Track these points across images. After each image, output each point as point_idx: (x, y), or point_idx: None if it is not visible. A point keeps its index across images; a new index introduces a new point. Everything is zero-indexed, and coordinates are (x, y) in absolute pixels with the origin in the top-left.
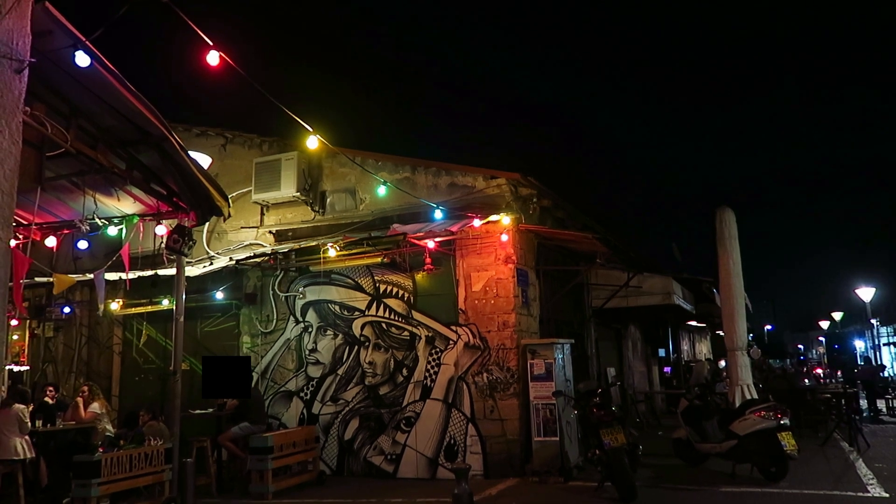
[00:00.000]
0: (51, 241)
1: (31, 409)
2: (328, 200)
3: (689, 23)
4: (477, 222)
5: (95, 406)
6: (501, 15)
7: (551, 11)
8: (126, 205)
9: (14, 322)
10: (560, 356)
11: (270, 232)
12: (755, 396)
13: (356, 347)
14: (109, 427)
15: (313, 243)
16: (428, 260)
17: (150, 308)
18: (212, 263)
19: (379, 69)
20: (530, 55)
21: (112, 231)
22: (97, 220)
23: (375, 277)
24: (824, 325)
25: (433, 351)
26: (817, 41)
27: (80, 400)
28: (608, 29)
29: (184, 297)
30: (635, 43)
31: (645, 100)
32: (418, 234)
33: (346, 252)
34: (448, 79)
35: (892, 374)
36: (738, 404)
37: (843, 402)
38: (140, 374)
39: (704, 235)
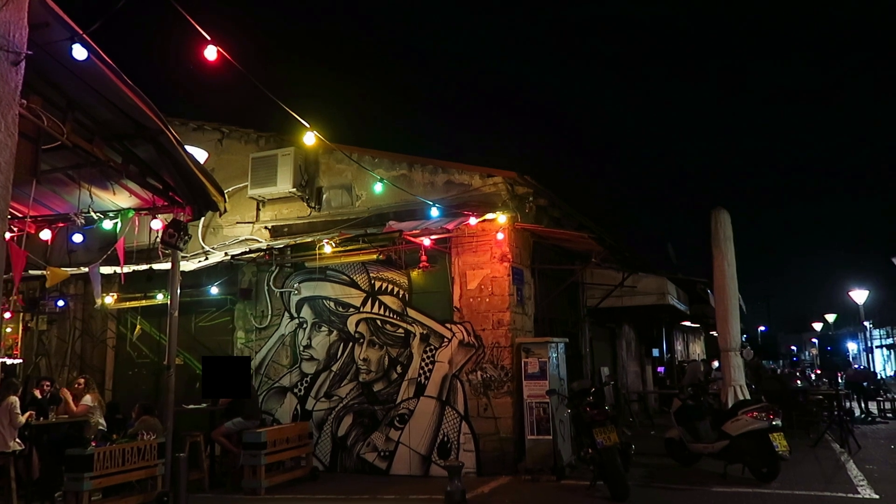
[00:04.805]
0: (45, 234)
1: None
2: (324, 197)
3: (687, 22)
4: (473, 220)
5: (88, 399)
6: (500, 11)
7: (548, 8)
8: (122, 199)
9: (7, 315)
10: (554, 355)
11: (266, 227)
12: (748, 397)
13: (351, 344)
14: (102, 421)
15: (309, 239)
16: (423, 257)
17: (144, 302)
18: (207, 258)
19: (376, 65)
20: (527, 52)
21: (107, 225)
22: (92, 213)
23: (371, 274)
24: (818, 326)
25: (428, 348)
26: (816, 42)
27: (67, 393)
28: (606, 27)
29: (178, 291)
30: (633, 41)
31: (642, 99)
32: (414, 232)
33: (342, 248)
34: (446, 76)
35: (883, 377)
36: (730, 405)
37: (834, 403)
38: (134, 369)
39: (699, 236)
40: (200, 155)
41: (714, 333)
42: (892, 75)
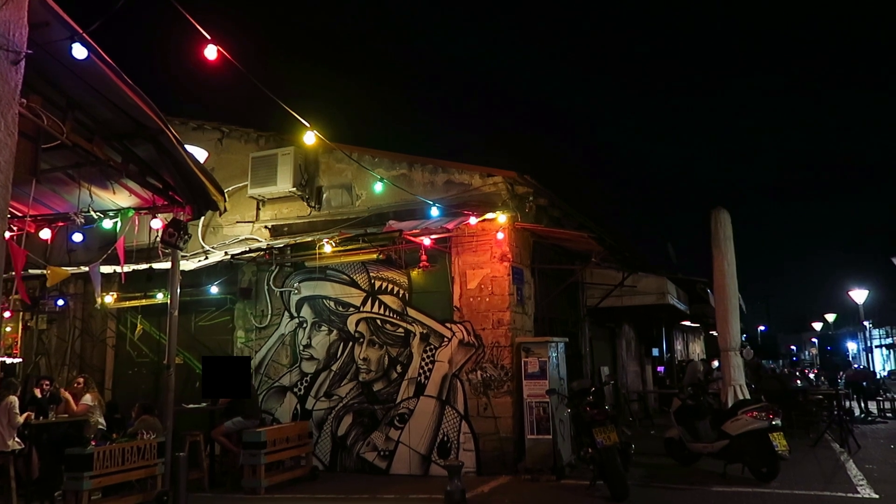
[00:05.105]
0: (45, 234)
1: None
2: (324, 196)
3: (686, 22)
4: (473, 220)
5: (88, 398)
6: (499, 11)
7: (547, 8)
8: (121, 198)
9: (7, 314)
10: (554, 354)
11: (266, 227)
12: (748, 397)
13: (350, 343)
14: (102, 420)
15: (309, 239)
16: (423, 257)
17: (144, 302)
18: (207, 258)
19: (377, 65)
20: (526, 53)
21: (107, 224)
22: (92, 212)
23: (371, 274)
24: (817, 326)
25: (428, 348)
26: (813, 43)
27: (66, 393)
28: (605, 27)
29: (178, 291)
30: (633, 41)
31: (642, 99)
32: (414, 231)
33: (342, 248)
34: (445, 76)
35: (883, 377)
36: (730, 404)
37: (834, 403)
38: (133, 368)
39: (699, 236)
40: (200, 154)
41: (714, 333)
42: (893, 75)
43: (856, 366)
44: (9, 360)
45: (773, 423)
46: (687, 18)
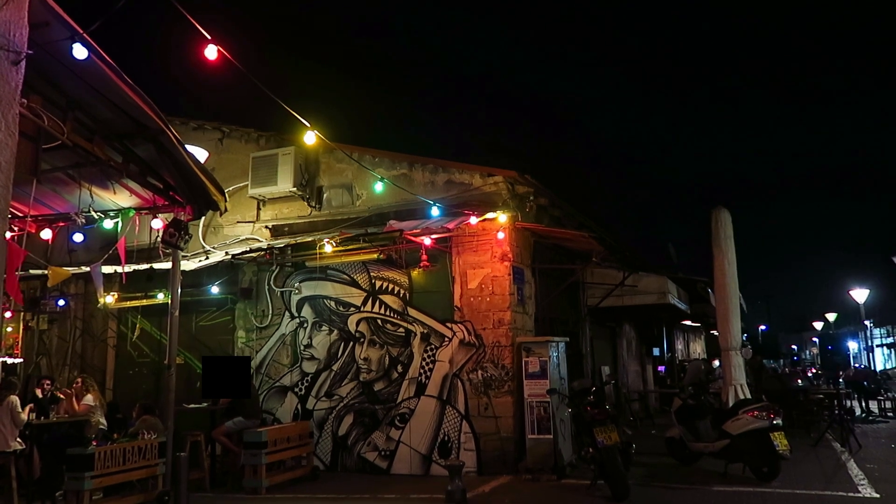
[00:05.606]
0: (46, 234)
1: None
2: (325, 196)
3: (686, 21)
4: (473, 220)
5: (89, 398)
6: (499, 9)
7: (548, 6)
8: (122, 198)
9: (8, 314)
10: (555, 354)
11: (267, 227)
12: (749, 396)
13: (351, 343)
14: (103, 420)
15: (309, 239)
16: (424, 257)
17: (145, 302)
18: (207, 258)
19: (377, 64)
20: (527, 52)
21: (108, 224)
22: (93, 212)
23: (371, 274)
24: (818, 325)
25: (428, 348)
26: (814, 42)
27: (66, 392)
28: (606, 25)
29: (179, 291)
30: (633, 40)
31: (642, 99)
32: (415, 231)
33: (343, 248)
34: (446, 75)
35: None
36: (731, 404)
37: (835, 402)
38: (134, 368)
39: (700, 235)
40: (201, 154)
41: (715, 332)
42: (893, 75)
43: (856, 365)
44: (10, 361)
45: (774, 422)
46: (687, 17)
